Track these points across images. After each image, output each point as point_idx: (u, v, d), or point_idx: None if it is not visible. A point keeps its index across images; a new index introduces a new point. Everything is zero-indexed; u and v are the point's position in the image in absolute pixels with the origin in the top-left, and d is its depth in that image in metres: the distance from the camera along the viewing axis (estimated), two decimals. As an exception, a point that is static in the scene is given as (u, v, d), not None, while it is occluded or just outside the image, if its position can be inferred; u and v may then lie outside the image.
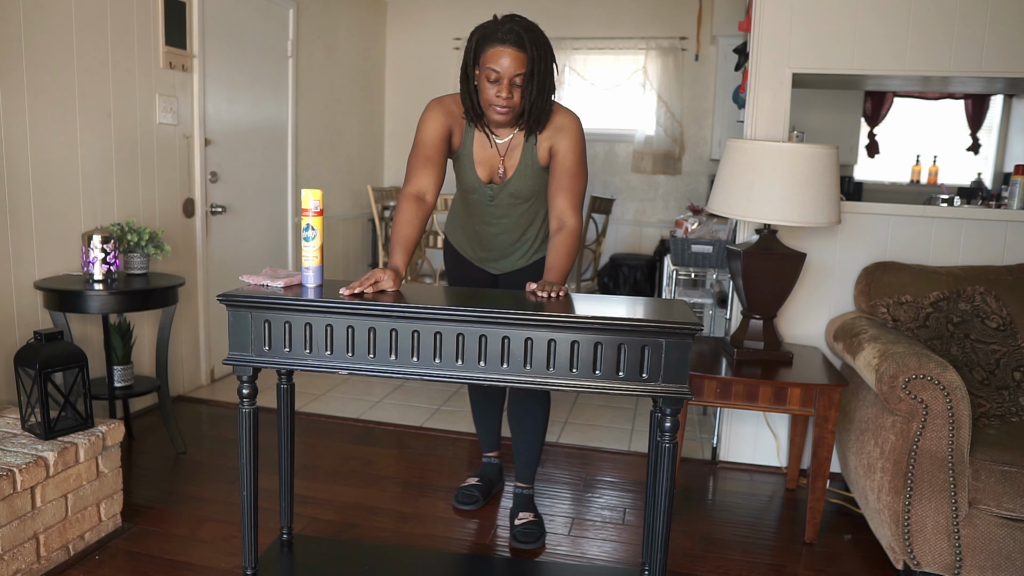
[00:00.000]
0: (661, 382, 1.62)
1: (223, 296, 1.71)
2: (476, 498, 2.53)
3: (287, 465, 2.11)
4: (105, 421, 2.29)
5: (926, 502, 2.02)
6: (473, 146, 2.12)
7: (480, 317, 1.62)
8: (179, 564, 2.15)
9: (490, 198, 2.17)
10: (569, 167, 2.05)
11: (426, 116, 2.07)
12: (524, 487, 2.46)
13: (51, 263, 2.77)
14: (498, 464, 2.68)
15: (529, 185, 2.14)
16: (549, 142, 2.08)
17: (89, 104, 2.90)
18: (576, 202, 2.05)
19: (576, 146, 2.06)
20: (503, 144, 2.11)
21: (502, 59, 1.89)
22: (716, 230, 3.56)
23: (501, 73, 1.89)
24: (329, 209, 4.84)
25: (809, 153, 2.30)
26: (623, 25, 5.41)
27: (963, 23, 2.60)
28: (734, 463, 3.02)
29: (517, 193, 2.15)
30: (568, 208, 2.04)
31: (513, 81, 1.91)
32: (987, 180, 5.55)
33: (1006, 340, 2.41)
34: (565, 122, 2.07)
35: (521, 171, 2.11)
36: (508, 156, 2.11)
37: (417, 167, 2.03)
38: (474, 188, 2.17)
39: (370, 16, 5.50)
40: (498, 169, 2.13)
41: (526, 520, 2.37)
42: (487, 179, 2.14)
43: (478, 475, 2.65)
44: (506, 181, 2.13)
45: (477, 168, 2.13)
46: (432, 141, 2.05)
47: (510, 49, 1.88)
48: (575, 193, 2.05)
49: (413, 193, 2.01)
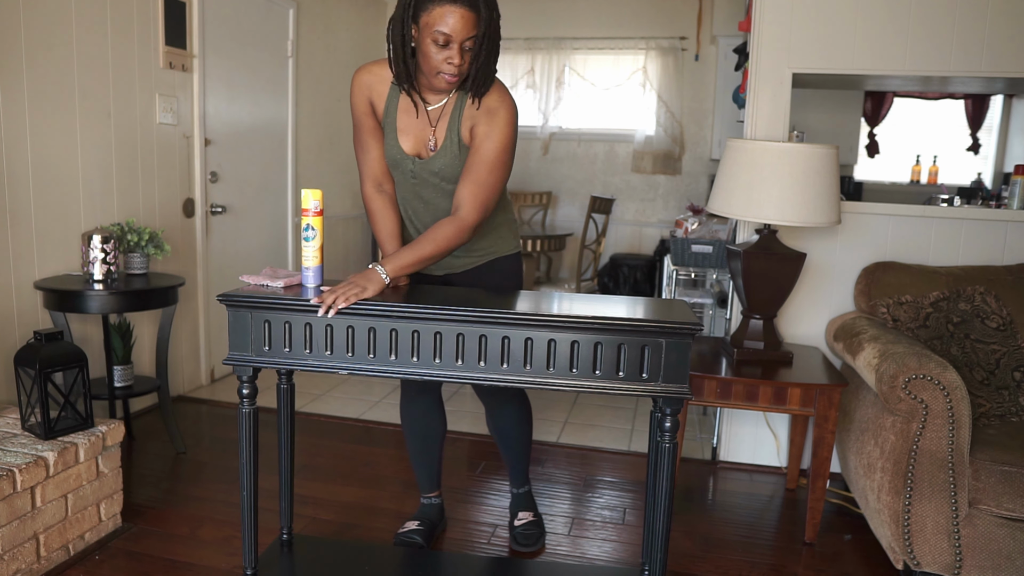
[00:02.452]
0: (661, 382, 1.62)
1: (223, 296, 1.71)
2: (419, 545, 2.22)
3: (287, 465, 2.11)
4: (105, 421, 2.29)
5: (926, 502, 2.02)
6: (397, 112, 1.88)
7: (480, 317, 1.62)
8: (179, 564, 2.15)
9: (412, 174, 1.90)
10: (488, 156, 1.79)
11: (350, 96, 1.92)
12: (519, 488, 2.39)
13: (51, 263, 2.77)
14: (439, 504, 2.37)
15: (456, 165, 1.85)
16: (472, 122, 1.82)
17: (89, 104, 2.90)
18: (484, 197, 1.80)
19: (503, 135, 1.80)
20: (435, 111, 1.85)
21: (451, 19, 1.64)
22: (716, 230, 3.56)
23: (451, 36, 1.65)
24: (329, 209, 4.84)
25: (809, 153, 2.30)
26: (623, 25, 5.41)
27: (963, 23, 2.60)
28: (734, 463, 3.02)
29: (442, 173, 1.87)
30: (470, 200, 1.79)
31: (464, 45, 1.68)
32: (987, 180, 5.55)
33: (1006, 340, 2.41)
34: (498, 105, 1.80)
35: (447, 147, 1.85)
36: (439, 126, 1.86)
37: (360, 156, 1.96)
38: (396, 161, 1.90)
39: (370, 16, 5.50)
40: (427, 141, 1.87)
41: (526, 520, 2.34)
42: (412, 151, 1.89)
43: (417, 517, 2.32)
44: (432, 157, 1.87)
45: (400, 137, 1.88)
46: (360, 119, 1.92)
47: (460, 8, 1.64)
48: (486, 187, 1.80)
49: (371, 185, 1.96)
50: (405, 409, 2.25)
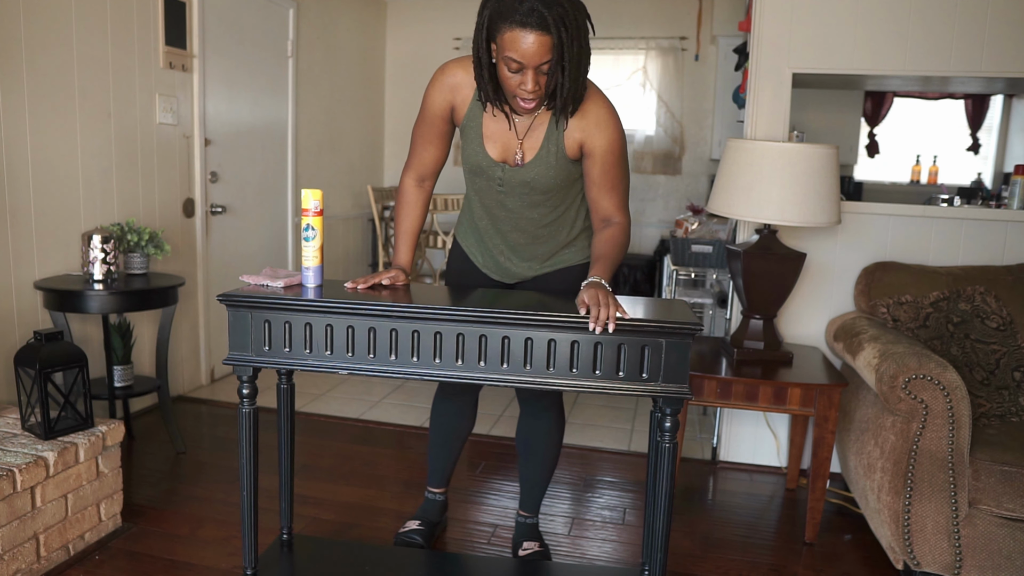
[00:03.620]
0: (661, 382, 1.62)
1: (223, 296, 1.71)
2: (419, 546, 2.21)
3: (287, 465, 2.11)
4: (105, 421, 2.29)
5: (926, 502, 2.02)
6: (483, 118, 1.82)
7: (480, 317, 1.62)
8: (179, 564, 2.15)
9: (500, 181, 1.84)
10: (612, 166, 1.80)
11: (429, 87, 1.84)
12: (528, 516, 2.26)
13: (51, 263, 2.77)
14: (442, 501, 2.34)
15: (551, 176, 1.81)
16: (581, 134, 1.77)
17: (89, 104, 2.90)
18: (623, 202, 1.84)
19: (616, 144, 1.79)
20: (524, 121, 1.80)
21: (523, 45, 1.55)
22: (716, 230, 3.57)
23: (523, 62, 1.58)
24: (329, 209, 4.84)
25: (809, 153, 2.30)
26: (623, 25, 5.41)
27: (963, 23, 2.60)
28: (734, 463, 3.02)
29: (534, 183, 1.82)
30: (615, 208, 1.83)
31: (539, 69, 1.60)
32: (987, 180, 5.55)
33: (1006, 340, 2.41)
34: (601, 113, 1.77)
35: (543, 157, 1.79)
36: (529, 136, 1.80)
37: (416, 146, 1.94)
38: (481, 168, 1.85)
39: (370, 16, 5.50)
40: (515, 151, 1.82)
41: (531, 551, 2.19)
42: (500, 158, 1.83)
43: (418, 516, 2.29)
44: (523, 166, 1.81)
45: (487, 144, 1.82)
46: (431, 118, 1.87)
47: (532, 33, 1.54)
48: (621, 192, 1.83)
49: (413, 179, 1.97)
50: (440, 404, 2.22)
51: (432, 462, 2.29)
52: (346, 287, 1.79)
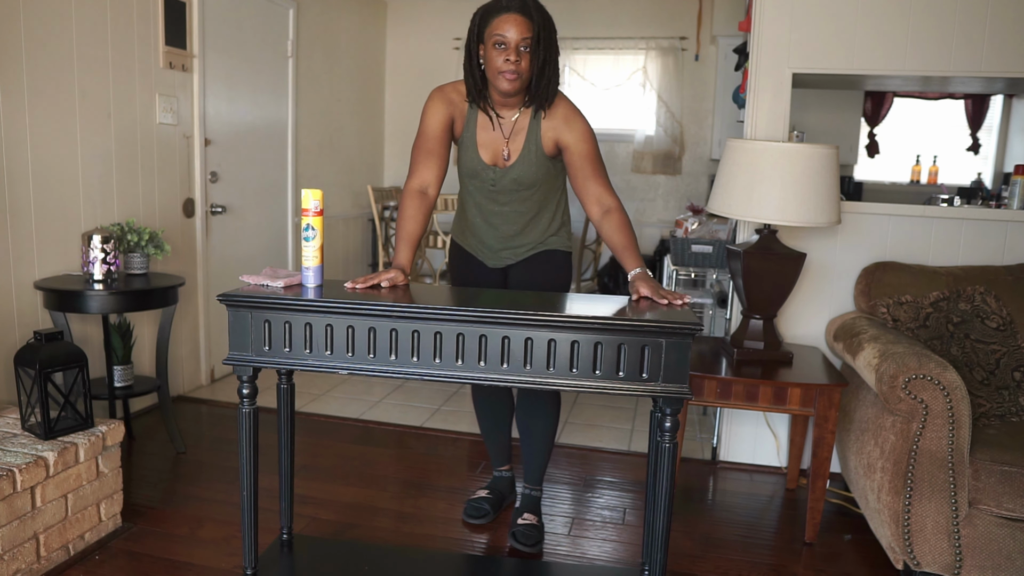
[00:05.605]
0: (661, 382, 1.62)
1: (223, 296, 1.71)
2: (486, 511, 2.45)
3: (287, 465, 2.11)
4: (105, 421, 2.29)
5: (926, 502, 2.02)
6: (476, 128, 2.10)
7: (480, 317, 1.62)
8: (179, 564, 2.15)
9: (492, 182, 2.12)
10: (587, 154, 2.05)
11: (427, 106, 2.09)
12: (532, 488, 2.42)
13: (51, 263, 2.77)
14: (510, 477, 2.59)
15: (532, 172, 2.10)
16: (554, 132, 2.06)
17: (89, 104, 2.90)
18: (607, 183, 2.07)
19: (587, 132, 2.06)
20: (507, 125, 2.09)
21: (508, 25, 1.91)
22: (716, 230, 3.56)
23: (508, 39, 1.91)
24: (329, 209, 4.84)
25: (809, 153, 2.30)
26: (623, 25, 5.41)
27: (963, 23, 2.60)
28: (734, 463, 3.02)
29: (520, 179, 2.11)
30: (603, 191, 2.05)
31: (520, 47, 1.92)
32: (987, 180, 5.55)
33: (1006, 340, 2.41)
34: (568, 111, 2.07)
35: (525, 155, 2.08)
36: (513, 139, 2.09)
37: (419, 159, 2.08)
38: (476, 172, 2.13)
39: (370, 16, 5.50)
40: (502, 152, 2.10)
41: (528, 522, 2.34)
42: (491, 161, 2.11)
43: (488, 487, 2.56)
44: (510, 166, 2.10)
45: (480, 151, 2.11)
46: (433, 132, 2.07)
47: (515, 15, 1.91)
48: (603, 175, 2.07)
49: (416, 188, 2.06)
50: (479, 396, 2.45)
51: (489, 448, 2.54)
52: (346, 287, 1.80)
